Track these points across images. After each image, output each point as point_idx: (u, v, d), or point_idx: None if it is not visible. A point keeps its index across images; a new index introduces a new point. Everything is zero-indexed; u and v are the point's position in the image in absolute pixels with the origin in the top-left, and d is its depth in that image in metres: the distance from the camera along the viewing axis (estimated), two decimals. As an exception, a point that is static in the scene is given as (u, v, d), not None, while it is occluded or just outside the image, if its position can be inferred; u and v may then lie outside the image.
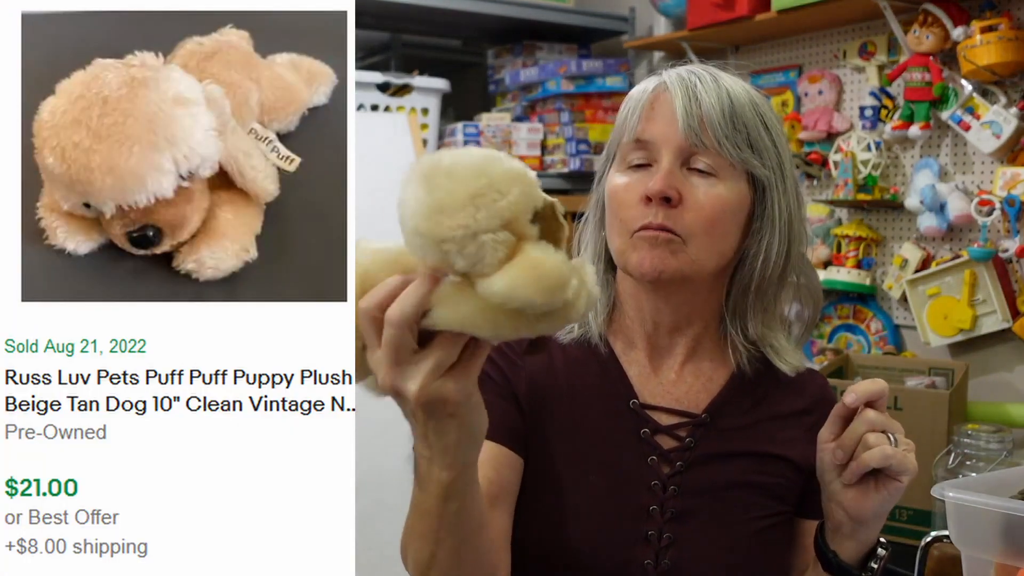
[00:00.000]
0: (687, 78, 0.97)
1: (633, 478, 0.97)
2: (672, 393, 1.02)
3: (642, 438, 0.99)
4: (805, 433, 1.02)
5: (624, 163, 0.99)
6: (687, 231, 0.94)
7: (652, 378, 1.02)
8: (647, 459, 0.98)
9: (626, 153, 0.99)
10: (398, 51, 3.17)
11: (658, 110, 0.97)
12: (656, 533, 0.96)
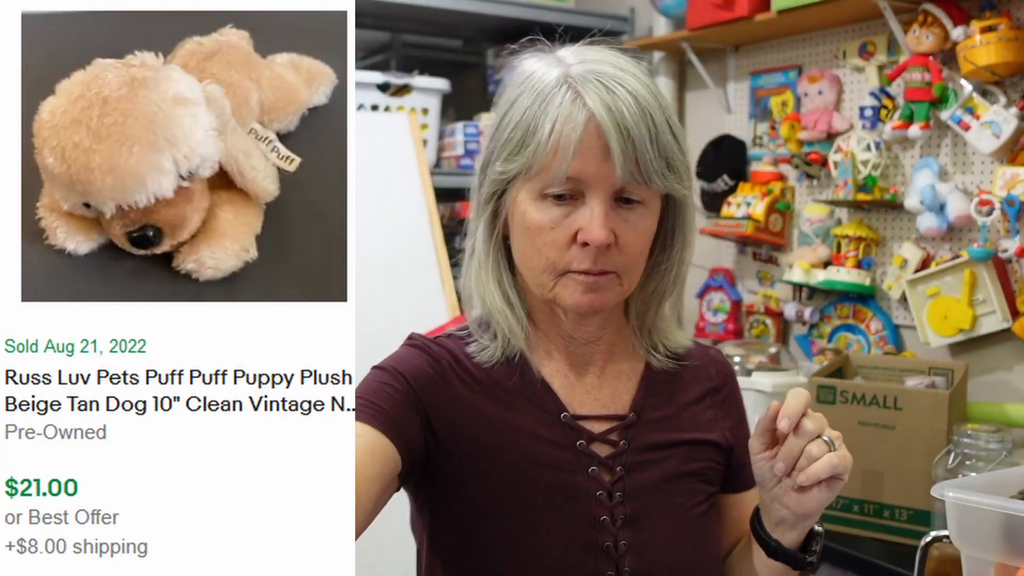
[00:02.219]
0: (613, 106, 0.89)
1: (579, 492, 0.96)
2: (598, 399, 1.01)
3: (579, 450, 0.97)
4: (719, 410, 1.06)
5: (540, 191, 0.93)
6: (622, 267, 0.94)
7: (576, 387, 1.01)
8: (588, 470, 0.97)
9: (544, 183, 0.92)
10: (398, 51, 3.16)
11: (588, 146, 0.89)
12: (612, 543, 0.95)
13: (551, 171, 0.91)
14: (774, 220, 2.53)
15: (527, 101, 0.94)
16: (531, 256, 0.95)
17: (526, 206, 0.94)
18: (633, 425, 1.00)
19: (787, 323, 2.62)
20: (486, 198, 0.98)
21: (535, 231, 0.94)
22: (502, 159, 0.95)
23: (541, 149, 0.91)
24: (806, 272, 2.39)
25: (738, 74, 2.71)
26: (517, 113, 0.94)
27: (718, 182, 2.67)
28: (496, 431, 0.97)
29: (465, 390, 0.98)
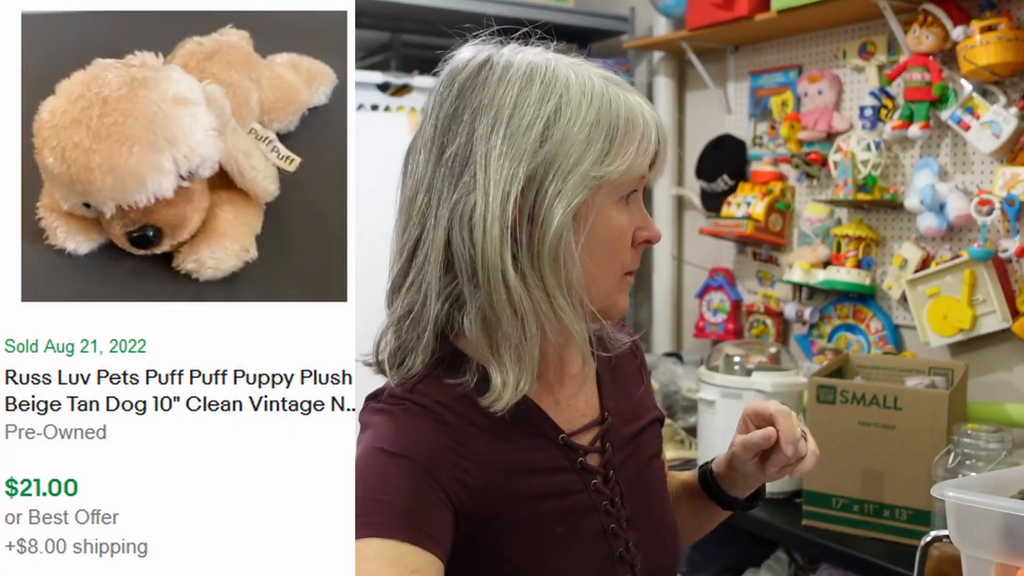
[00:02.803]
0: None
1: (588, 510, 0.94)
2: (577, 409, 0.98)
3: (580, 467, 0.95)
4: (646, 380, 1.09)
5: (619, 195, 0.89)
6: None
7: (560, 403, 0.96)
8: (590, 485, 0.95)
9: (631, 186, 0.89)
10: (398, 51, 3.16)
11: (660, 149, 0.91)
12: (624, 548, 0.96)
13: (644, 174, 0.90)
14: (774, 220, 2.53)
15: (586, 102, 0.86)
16: (607, 263, 0.89)
17: (609, 211, 0.88)
18: (610, 426, 0.99)
19: (787, 323, 2.62)
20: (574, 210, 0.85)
21: (618, 235, 0.89)
22: (588, 163, 0.85)
23: (644, 151, 0.88)
24: (806, 272, 2.39)
25: (738, 74, 2.71)
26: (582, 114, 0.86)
27: (718, 182, 2.67)
28: (507, 476, 0.90)
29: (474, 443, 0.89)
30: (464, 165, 0.86)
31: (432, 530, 0.83)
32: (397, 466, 0.86)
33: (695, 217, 2.87)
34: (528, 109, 0.85)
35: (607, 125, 0.86)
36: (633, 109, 0.88)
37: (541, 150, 0.84)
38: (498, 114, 0.85)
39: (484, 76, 0.88)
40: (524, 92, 0.86)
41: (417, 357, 0.91)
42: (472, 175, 0.85)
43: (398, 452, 0.87)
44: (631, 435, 1.02)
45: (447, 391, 0.90)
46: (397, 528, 0.81)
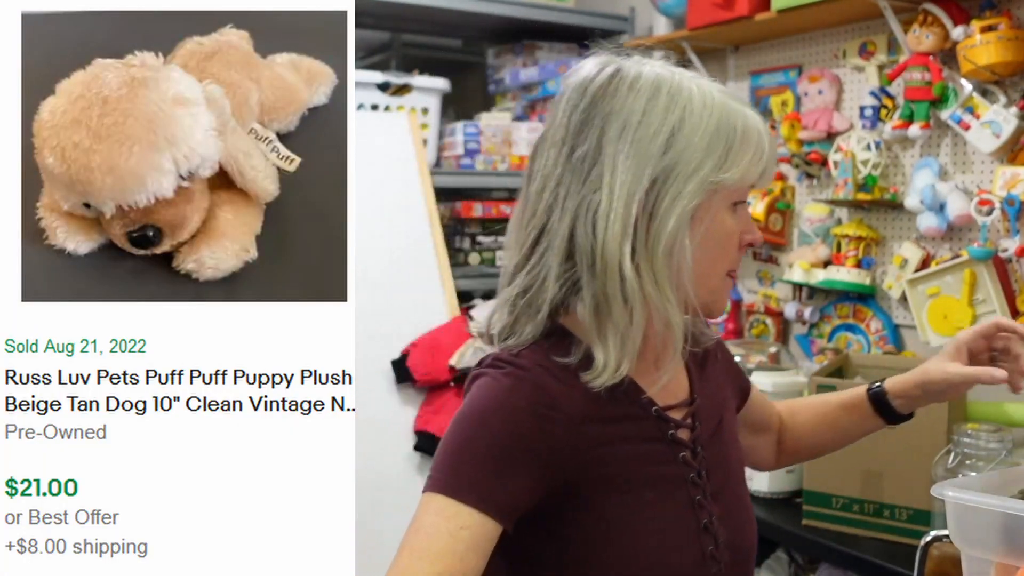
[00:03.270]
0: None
1: (676, 480, 1.00)
2: (670, 390, 1.04)
3: (670, 439, 1.01)
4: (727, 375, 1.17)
5: (731, 200, 0.97)
6: None
7: (654, 383, 1.02)
8: (679, 457, 1.01)
9: (740, 193, 0.98)
10: (398, 51, 3.16)
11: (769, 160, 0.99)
12: (708, 519, 1.00)
13: (750, 180, 0.97)
14: (774, 220, 2.53)
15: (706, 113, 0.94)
16: (716, 263, 0.98)
17: (723, 215, 0.97)
18: (699, 407, 1.06)
19: (787, 323, 2.62)
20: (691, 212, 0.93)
21: (727, 237, 0.98)
22: (708, 169, 0.93)
23: (757, 159, 0.96)
24: (806, 272, 2.39)
25: (738, 74, 2.71)
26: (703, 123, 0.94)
27: (718, 182, 2.67)
28: (600, 441, 0.95)
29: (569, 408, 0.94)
30: (592, 165, 0.93)
31: (499, 497, 0.90)
32: (483, 431, 0.92)
33: (695, 217, 2.87)
34: (655, 118, 0.93)
35: (726, 136, 0.94)
36: (748, 122, 0.96)
37: (665, 156, 0.92)
38: (627, 121, 0.93)
39: (615, 86, 0.95)
40: (652, 102, 0.94)
41: (527, 330, 0.97)
42: (599, 175, 0.92)
43: (488, 417, 0.93)
44: (717, 418, 1.09)
45: (550, 361, 0.95)
46: (461, 490, 0.90)
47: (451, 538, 0.88)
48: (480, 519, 0.89)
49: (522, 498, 0.92)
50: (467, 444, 0.93)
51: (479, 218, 2.75)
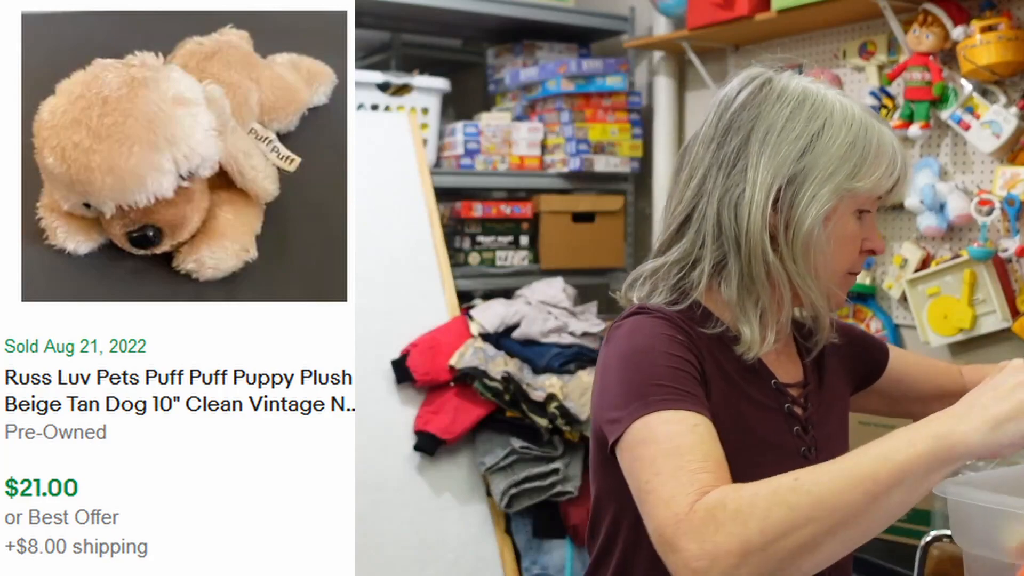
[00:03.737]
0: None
1: (789, 450, 1.06)
2: (788, 370, 1.12)
3: (786, 412, 1.08)
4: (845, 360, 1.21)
5: (859, 207, 1.06)
6: None
7: (775, 363, 1.11)
8: (792, 430, 1.08)
9: (868, 202, 1.06)
10: (398, 51, 3.16)
11: (900, 178, 1.06)
12: None
13: (883, 193, 1.06)
14: (774, 220, 2.53)
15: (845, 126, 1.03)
16: (836, 261, 1.06)
17: (847, 219, 1.05)
18: (811, 390, 1.13)
19: (787, 323, 2.62)
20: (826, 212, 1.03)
21: (848, 240, 1.06)
22: (842, 176, 1.02)
23: (889, 173, 1.04)
24: (806, 272, 2.39)
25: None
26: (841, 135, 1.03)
27: (718, 182, 2.67)
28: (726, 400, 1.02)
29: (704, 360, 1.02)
30: (737, 160, 1.04)
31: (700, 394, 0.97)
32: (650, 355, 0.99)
33: (695, 217, 2.87)
34: (798, 124, 1.04)
35: (862, 148, 1.03)
36: (884, 139, 1.05)
37: (802, 159, 1.03)
38: (772, 125, 1.04)
39: (764, 94, 1.06)
40: (796, 111, 1.04)
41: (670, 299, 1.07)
42: (743, 168, 1.03)
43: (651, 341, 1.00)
44: (827, 404, 1.15)
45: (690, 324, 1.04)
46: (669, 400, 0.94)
47: (693, 434, 0.91)
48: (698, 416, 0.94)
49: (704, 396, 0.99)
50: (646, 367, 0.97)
51: (479, 218, 2.75)
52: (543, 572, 2.25)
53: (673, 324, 1.02)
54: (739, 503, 0.82)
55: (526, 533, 2.27)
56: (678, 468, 0.87)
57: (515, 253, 2.81)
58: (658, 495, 0.87)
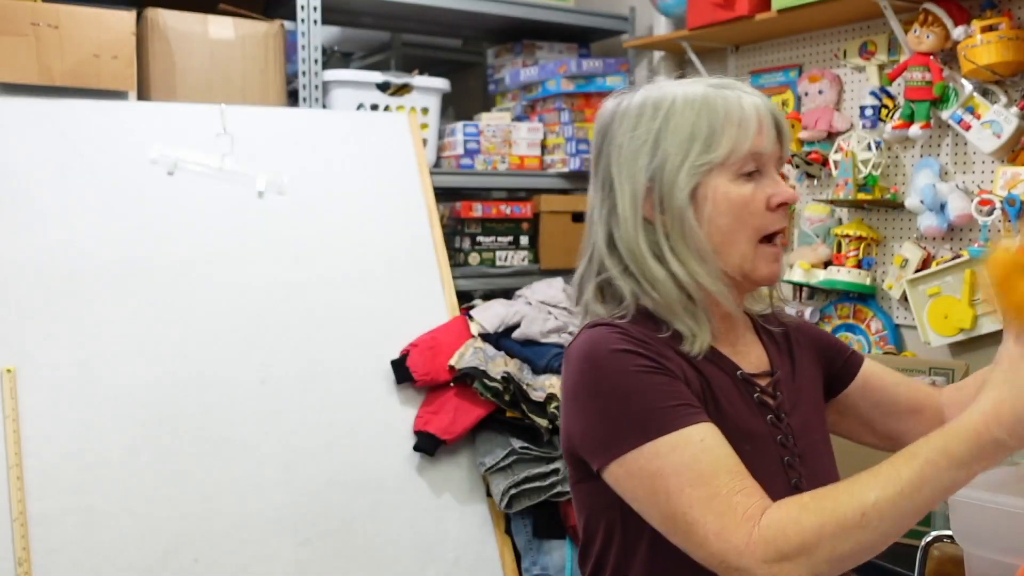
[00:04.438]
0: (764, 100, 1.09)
1: (766, 439, 1.07)
2: (751, 361, 1.13)
3: (756, 401, 1.09)
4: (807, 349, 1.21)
5: (735, 173, 1.06)
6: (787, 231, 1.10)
7: (736, 353, 1.12)
8: (766, 418, 1.08)
9: (743, 163, 1.06)
10: (398, 51, 3.16)
11: (765, 128, 1.06)
12: (798, 478, 1.06)
13: (755, 150, 1.06)
14: (774, 220, 2.52)
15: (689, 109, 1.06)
16: (736, 231, 1.06)
17: (727, 187, 1.06)
18: (779, 379, 1.13)
19: (787, 323, 2.61)
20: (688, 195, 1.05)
21: (740, 205, 1.06)
22: (695, 154, 1.05)
23: (746, 132, 1.05)
24: (806, 272, 2.38)
25: (738, 73, 2.71)
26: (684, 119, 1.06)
27: (718, 182, 2.67)
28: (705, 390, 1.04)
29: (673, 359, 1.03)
30: (608, 182, 1.10)
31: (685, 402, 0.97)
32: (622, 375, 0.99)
33: (695, 217, 2.87)
34: (641, 130, 1.08)
35: (708, 121, 1.05)
36: (731, 104, 1.06)
37: (655, 158, 1.06)
38: (621, 142, 1.09)
39: (613, 116, 1.11)
40: (638, 120, 1.08)
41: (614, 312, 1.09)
42: (611, 188, 1.09)
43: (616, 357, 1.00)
44: (798, 391, 1.15)
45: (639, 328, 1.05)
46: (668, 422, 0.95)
47: (706, 452, 0.93)
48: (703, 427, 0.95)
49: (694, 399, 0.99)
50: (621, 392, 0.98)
51: (479, 218, 2.75)
52: (543, 572, 2.24)
53: (627, 335, 1.02)
54: (803, 536, 0.86)
55: (526, 533, 2.27)
56: (711, 497, 0.90)
57: (515, 253, 2.81)
58: (705, 528, 0.90)
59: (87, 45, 2.23)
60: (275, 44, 2.48)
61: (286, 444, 2.10)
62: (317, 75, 2.55)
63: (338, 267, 2.30)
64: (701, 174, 1.05)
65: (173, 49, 2.36)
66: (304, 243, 2.28)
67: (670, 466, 0.92)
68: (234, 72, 2.43)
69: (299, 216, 2.29)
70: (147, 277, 2.09)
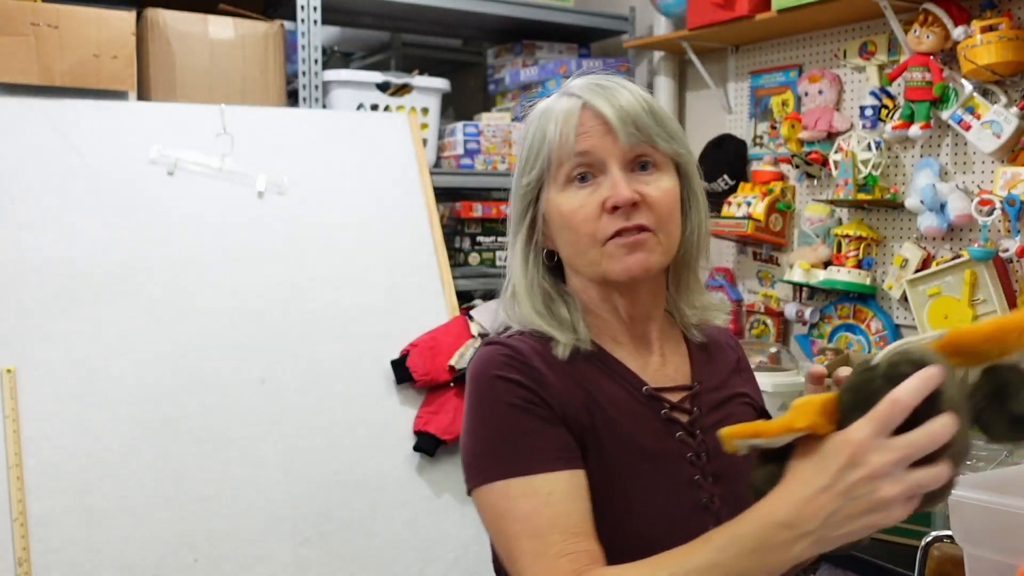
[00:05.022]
0: (604, 94, 1.03)
1: (672, 456, 1.03)
2: (666, 374, 1.09)
3: (664, 418, 1.05)
4: (744, 375, 1.17)
5: (565, 180, 1.03)
6: (656, 224, 1.02)
7: (647, 366, 1.08)
8: (675, 435, 1.04)
9: (567, 171, 1.02)
10: (398, 51, 3.16)
11: (588, 124, 1.01)
12: (709, 498, 1.03)
13: (565, 157, 1.02)
14: (774, 220, 2.53)
15: (536, 123, 1.06)
16: (575, 240, 1.03)
17: (557, 199, 1.03)
18: (699, 393, 1.09)
19: (787, 323, 2.62)
20: (519, 215, 1.07)
21: (570, 214, 1.02)
22: (524, 174, 1.06)
23: (551, 146, 1.02)
24: (806, 272, 2.39)
25: (738, 74, 2.71)
26: (530, 135, 1.06)
27: (718, 182, 2.67)
28: (589, 411, 1.01)
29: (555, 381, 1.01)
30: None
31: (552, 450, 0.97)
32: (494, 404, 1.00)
33: (695, 217, 2.87)
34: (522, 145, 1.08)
35: (531, 140, 1.05)
36: (551, 112, 1.04)
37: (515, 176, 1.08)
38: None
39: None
40: (522, 134, 1.08)
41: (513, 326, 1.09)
42: None
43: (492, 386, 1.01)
44: (718, 402, 1.11)
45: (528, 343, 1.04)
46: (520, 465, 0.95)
47: (548, 506, 0.93)
48: (554, 477, 0.95)
49: (567, 440, 0.98)
50: (485, 427, 1.00)
51: (479, 218, 2.75)
52: (543, 572, 2.24)
53: (513, 357, 1.02)
54: None
55: (526, 533, 2.27)
56: (540, 554, 0.92)
57: (515, 253, 2.80)
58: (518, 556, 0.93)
59: (87, 45, 2.23)
60: (275, 44, 2.48)
61: (286, 444, 2.10)
62: (317, 75, 2.55)
63: (338, 267, 2.30)
64: (530, 192, 1.06)
65: (173, 49, 2.36)
66: (304, 243, 2.28)
67: (516, 511, 0.94)
68: (234, 72, 2.43)
69: (299, 216, 2.29)
70: (147, 277, 2.09)
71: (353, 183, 2.41)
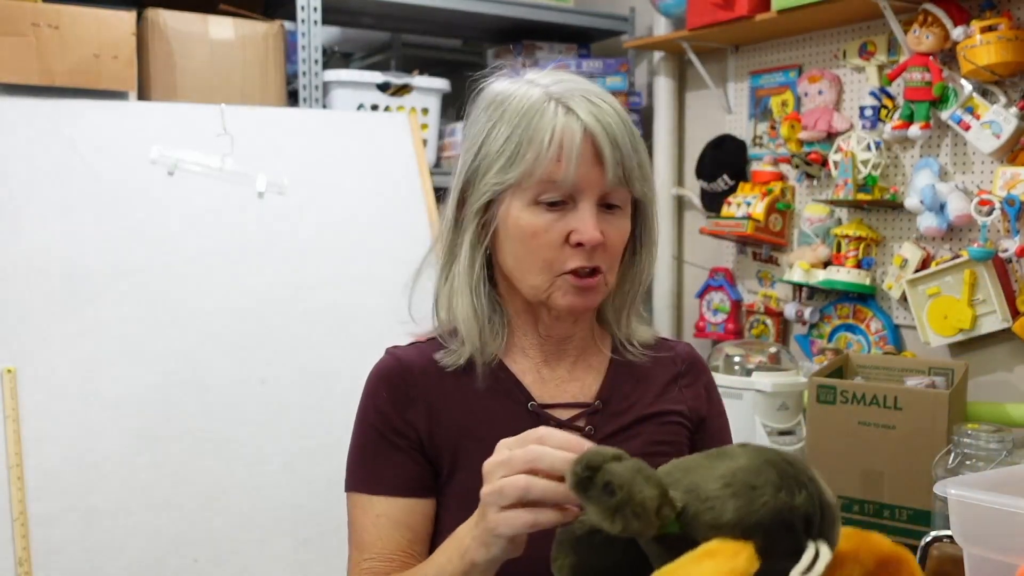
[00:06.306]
0: (601, 118, 0.97)
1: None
2: (566, 390, 1.06)
3: None
4: (686, 390, 1.12)
5: (533, 198, 0.98)
6: (608, 266, 1.01)
7: (548, 381, 1.06)
8: None
9: (540, 189, 0.97)
10: (398, 51, 3.16)
11: (584, 154, 0.96)
12: None
13: (551, 178, 0.96)
14: (774, 220, 2.53)
15: (514, 117, 0.99)
16: (525, 259, 1.00)
17: (519, 212, 0.99)
18: (599, 412, 1.05)
19: (787, 323, 2.62)
20: (477, 210, 1.01)
21: (530, 235, 0.98)
22: (495, 171, 0.99)
23: (543, 157, 0.96)
24: (806, 272, 2.39)
25: (738, 74, 2.71)
26: (505, 128, 0.99)
27: (718, 182, 2.67)
28: (462, 428, 1.01)
29: (429, 396, 1.03)
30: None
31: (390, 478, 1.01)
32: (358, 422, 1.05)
33: (695, 217, 2.87)
34: (475, 128, 1.03)
35: (518, 138, 0.98)
36: (545, 122, 0.97)
37: (474, 160, 1.02)
38: (466, 135, 1.05)
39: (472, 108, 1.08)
40: (480, 115, 1.04)
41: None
42: None
43: (362, 405, 1.06)
44: (626, 424, 1.06)
45: (427, 355, 1.05)
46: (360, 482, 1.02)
47: (374, 527, 1.00)
48: (388, 502, 1.00)
49: (412, 470, 1.01)
50: (354, 438, 1.05)
51: (479, 218, 2.74)
52: (543, 572, 2.24)
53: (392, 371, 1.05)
54: None
55: (526, 533, 2.27)
56: (356, 563, 1.01)
57: (515, 253, 2.80)
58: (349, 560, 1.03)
59: (87, 45, 2.23)
60: (275, 44, 2.48)
61: (286, 444, 2.10)
62: (317, 75, 2.55)
63: (338, 267, 2.30)
64: (495, 192, 0.99)
65: (173, 49, 2.36)
66: (304, 243, 2.28)
67: (354, 520, 1.02)
68: (234, 72, 2.43)
69: (299, 216, 2.29)
70: (147, 277, 2.09)
71: (353, 183, 2.41)
